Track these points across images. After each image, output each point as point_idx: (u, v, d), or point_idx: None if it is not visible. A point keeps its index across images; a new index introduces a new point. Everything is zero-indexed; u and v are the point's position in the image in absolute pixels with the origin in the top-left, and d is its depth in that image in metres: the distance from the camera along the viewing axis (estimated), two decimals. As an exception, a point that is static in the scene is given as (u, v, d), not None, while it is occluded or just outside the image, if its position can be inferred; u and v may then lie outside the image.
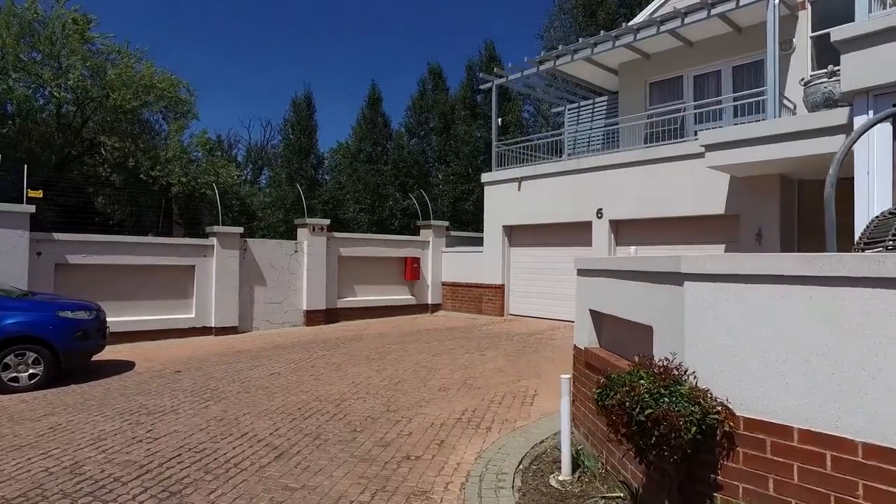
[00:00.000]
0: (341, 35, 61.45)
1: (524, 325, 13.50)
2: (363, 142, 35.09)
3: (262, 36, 60.45)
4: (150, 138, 26.24)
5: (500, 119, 15.78)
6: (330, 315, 14.57)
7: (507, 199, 15.04)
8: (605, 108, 16.54)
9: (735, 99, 11.85)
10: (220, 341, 11.91)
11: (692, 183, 11.20)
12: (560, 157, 15.33)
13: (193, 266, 12.41)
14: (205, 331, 12.48)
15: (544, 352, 10.07)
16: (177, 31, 55.09)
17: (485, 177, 15.77)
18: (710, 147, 9.32)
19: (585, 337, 5.56)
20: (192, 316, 12.39)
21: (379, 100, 35.58)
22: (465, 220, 30.83)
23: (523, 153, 15.82)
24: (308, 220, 14.26)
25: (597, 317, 5.50)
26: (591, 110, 16.95)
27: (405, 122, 36.23)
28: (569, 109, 17.64)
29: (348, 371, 8.65)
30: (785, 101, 10.66)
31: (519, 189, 14.69)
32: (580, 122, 17.01)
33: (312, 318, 14.11)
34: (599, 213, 12.78)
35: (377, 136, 35.04)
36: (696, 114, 12.84)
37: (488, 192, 15.67)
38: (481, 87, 16.32)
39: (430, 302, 16.91)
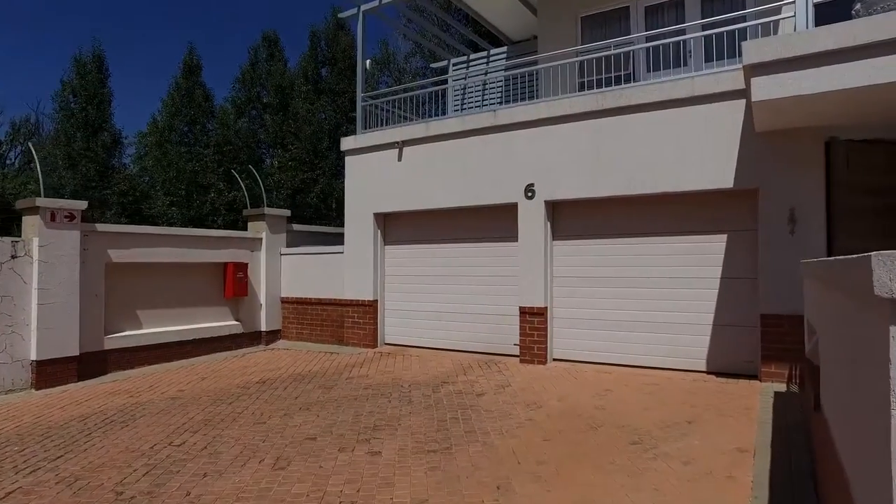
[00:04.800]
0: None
1: (416, 366, 8.82)
2: (176, 118, 27.90)
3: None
4: None
5: (367, 62, 10.93)
6: (90, 364, 8.61)
7: (380, 173, 10.25)
8: (503, 62, 12.50)
9: (705, 27, 8.35)
10: None
11: (678, 143, 7.42)
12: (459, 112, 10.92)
13: None
14: None
15: (486, 432, 5.48)
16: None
17: (346, 143, 10.80)
18: (767, 67, 5.47)
19: None
20: None
21: (198, 67, 28.66)
22: (308, 217, 25.33)
23: (395, 113, 11.16)
24: (40, 202, 8.14)
25: None
26: (484, 65, 12.81)
27: (232, 96, 29.64)
28: (454, 64, 13.35)
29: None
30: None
31: (399, 159, 9.98)
32: (470, 79, 12.78)
33: (50, 373, 8.06)
34: (530, 192, 8.54)
35: (195, 113, 28.04)
36: (648, 51, 9.19)
37: (352, 164, 10.73)
38: (340, 15, 11.31)
39: (264, 328, 11.51)
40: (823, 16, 7.14)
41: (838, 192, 6.98)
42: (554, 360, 8.55)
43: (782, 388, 6.80)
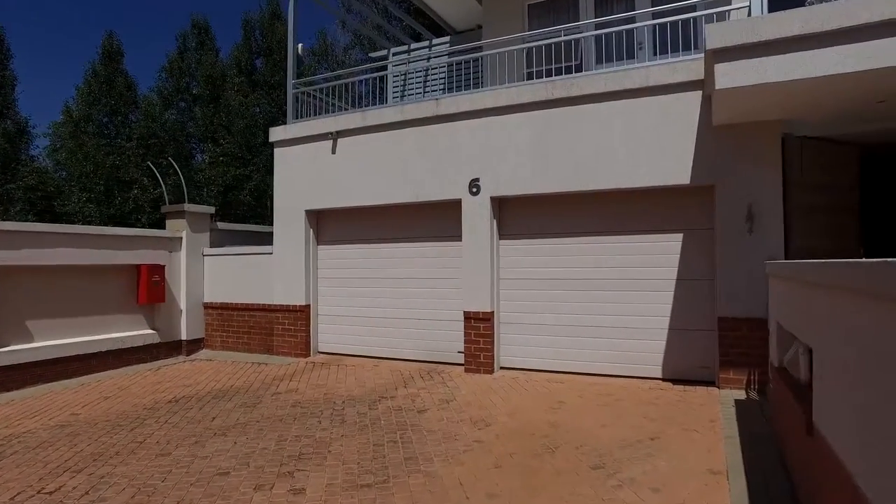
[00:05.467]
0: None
1: (352, 377, 8.02)
2: (94, 108, 25.80)
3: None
4: None
5: (299, 46, 10.02)
6: (-35, 384, 7.37)
7: (313, 167, 9.38)
8: (446, 51, 11.86)
9: (656, 15, 7.96)
10: None
11: (632, 136, 6.96)
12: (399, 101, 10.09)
13: None
14: None
15: (429, 459, 4.78)
16: None
17: (275, 133, 9.86)
18: (731, 52, 5.03)
19: None
20: None
21: (118, 54, 26.64)
22: (241, 215, 23.95)
23: (331, 103, 10.30)
24: None
25: None
26: (426, 54, 12.12)
27: (158, 86, 27.74)
28: (394, 53, 12.60)
29: None
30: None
31: (334, 151, 9.14)
32: (411, 66, 12.07)
33: (-88, 396, 6.80)
34: (475, 187, 7.90)
35: (116, 102, 26.02)
36: (599, 41, 8.74)
37: (282, 157, 9.79)
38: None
39: (184, 337, 10.39)
40: (774, 9, 6.83)
41: (792, 190, 6.70)
42: (501, 368, 7.96)
43: (741, 395, 6.44)
